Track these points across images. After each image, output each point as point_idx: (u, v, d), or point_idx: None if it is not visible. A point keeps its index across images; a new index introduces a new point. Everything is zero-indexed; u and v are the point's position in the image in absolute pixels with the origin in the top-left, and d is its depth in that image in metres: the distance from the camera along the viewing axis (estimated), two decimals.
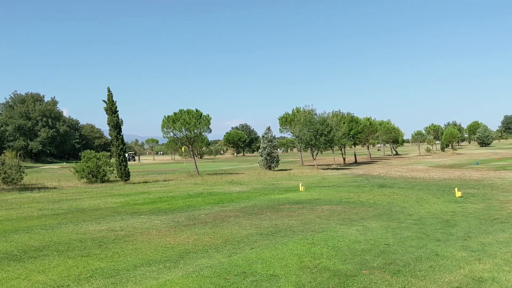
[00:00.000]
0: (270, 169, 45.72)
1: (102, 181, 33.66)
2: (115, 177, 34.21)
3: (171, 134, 41.26)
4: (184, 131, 40.41)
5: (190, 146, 43.17)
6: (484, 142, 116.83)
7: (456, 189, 19.87)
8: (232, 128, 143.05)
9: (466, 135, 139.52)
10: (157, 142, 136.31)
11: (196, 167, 42.53)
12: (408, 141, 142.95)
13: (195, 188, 26.64)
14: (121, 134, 33.89)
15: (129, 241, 11.33)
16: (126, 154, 35.82)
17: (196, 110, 40.91)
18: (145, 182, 33.21)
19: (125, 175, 33.04)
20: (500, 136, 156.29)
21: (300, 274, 7.91)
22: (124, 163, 33.16)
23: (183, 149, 69.94)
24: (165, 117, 40.67)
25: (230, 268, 8.43)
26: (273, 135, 48.16)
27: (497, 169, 35.63)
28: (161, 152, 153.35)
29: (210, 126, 41.48)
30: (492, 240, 10.22)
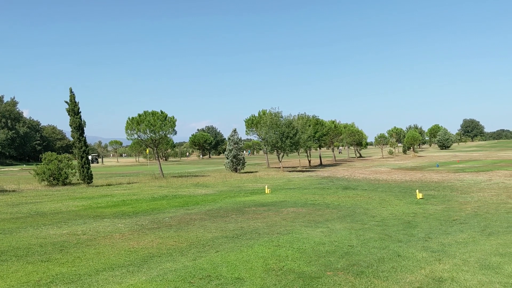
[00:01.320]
0: (236, 171, 45.69)
1: (64, 184, 32.84)
2: (78, 179, 33.43)
3: (135, 136, 40.61)
4: (148, 133, 39.86)
5: (155, 148, 42.63)
6: (444, 145, 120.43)
7: (417, 191, 20.39)
8: (198, 130, 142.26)
9: (427, 138, 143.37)
10: (121, 144, 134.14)
11: (161, 170, 42.04)
12: (371, 144, 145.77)
13: (160, 191, 26.32)
14: (84, 135, 33.18)
15: (91, 245, 11.07)
16: (89, 156, 35.09)
17: (161, 112, 40.45)
18: (109, 185, 32.58)
19: (88, 178, 32.33)
20: (459, 139, 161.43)
21: (265, 277, 7.92)
22: (87, 166, 32.46)
23: (147, 151, 69.06)
24: (129, 118, 40.00)
25: (195, 272, 8.35)
26: (239, 137, 48.18)
27: (456, 171, 36.75)
28: (125, 154, 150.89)
29: (175, 128, 41.10)
30: (451, 241, 10.52)
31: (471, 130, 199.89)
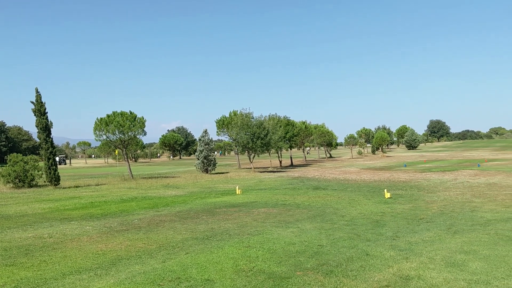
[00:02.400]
0: (207, 172, 45.48)
1: (30, 186, 31.99)
2: (44, 181, 32.63)
3: (104, 137, 39.89)
4: (117, 133, 39.25)
5: (124, 149, 41.99)
6: (412, 145, 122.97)
7: (385, 190, 20.75)
8: (168, 130, 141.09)
9: (395, 139, 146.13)
10: (89, 145, 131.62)
11: (130, 171, 41.47)
12: (341, 144, 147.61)
13: (129, 193, 25.95)
14: (51, 136, 32.43)
15: (58, 249, 10.81)
16: (57, 158, 34.29)
17: (130, 112, 39.91)
18: (76, 187, 31.91)
19: (55, 180, 31.61)
20: (426, 140, 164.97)
21: (235, 278, 7.90)
22: (54, 167, 31.73)
23: (116, 152, 67.96)
24: (97, 119, 39.31)
25: (164, 274, 8.25)
26: (210, 138, 47.97)
27: (423, 171, 37.57)
28: (94, 156, 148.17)
29: (145, 129, 40.63)
30: (418, 239, 10.74)
31: (437, 130, 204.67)
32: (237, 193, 23.50)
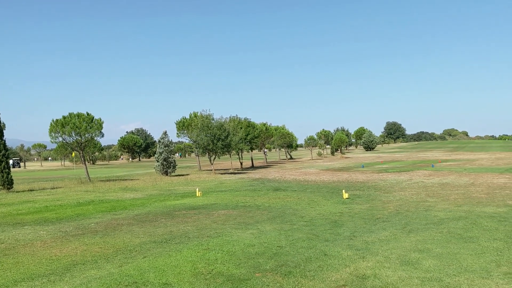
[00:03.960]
0: (167, 174, 44.94)
1: None
2: None
3: (60, 139, 38.72)
4: (74, 135, 38.20)
5: (81, 152, 40.91)
6: (369, 147, 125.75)
7: (343, 191, 21.10)
8: (127, 132, 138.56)
9: (353, 140, 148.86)
10: (45, 147, 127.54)
11: (88, 174, 40.44)
12: (301, 146, 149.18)
13: (86, 196, 25.31)
14: (3, 138, 31.23)
15: (10, 255, 10.42)
16: (10, 161, 33.00)
17: (87, 114, 38.92)
18: (31, 190, 30.85)
19: (8, 183, 30.42)
20: (383, 141, 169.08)
21: (193, 281, 7.82)
22: (7, 170, 30.54)
23: (73, 154, 66.17)
24: (53, 120, 38.12)
25: (121, 279, 8.08)
26: (170, 140, 47.46)
27: (380, 171, 38.48)
28: (51, 158, 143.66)
29: (102, 131, 39.71)
30: (374, 239, 10.97)
31: (393, 132, 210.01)
32: (197, 195, 23.33)
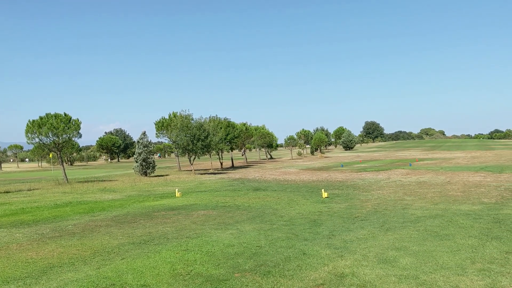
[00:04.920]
0: (146, 175, 44.58)
1: None
2: None
3: (37, 139, 38.06)
4: (51, 136, 37.60)
5: (59, 153, 40.28)
6: (348, 146, 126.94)
7: (323, 190, 21.25)
8: (106, 133, 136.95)
9: (332, 140, 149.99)
10: (21, 148, 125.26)
11: (65, 175, 39.84)
12: (281, 146, 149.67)
13: (64, 197, 24.93)
14: None
15: None
16: None
17: (65, 114, 38.37)
18: (7, 192, 30.22)
19: None
20: (362, 141, 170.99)
21: (172, 282, 7.77)
22: None
23: (51, 155, 65.08)
24: (29, 121, 37.44)
25: (98, 281, 7.99)
26: (149, 140, 47.07)
27: (359, 171, 38.84)
28: (28, 159, 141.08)
29: (80, 131, 39.22)
30: (353, 237, 11.07)
31: (372, 131, 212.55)
32: (176, 195, 23.20)
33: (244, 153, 77.31)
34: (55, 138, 37.87)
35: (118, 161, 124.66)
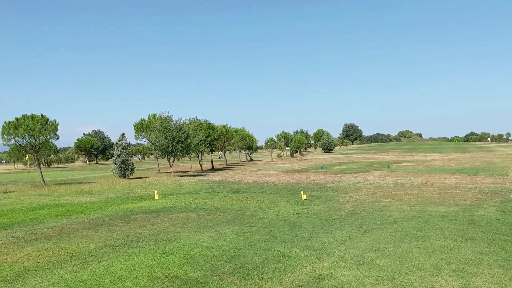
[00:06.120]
0: (125, 177, 44.14)
1: None
2: None
3: (13, 141, 37.33)
4: (28, 138, 36.95)
5: (35, 154, 39.61)
6: (328, 148, 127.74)
7: (302, 192, 21.36)
8: (84, 134, 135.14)
9: (312, 142, 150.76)
10: None
11: (42, 177, 39.18)
12: (261, 148, 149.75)
13: (40, 200, 24.51)
14: None
15: None
16: None
17: (42, 115, 37.75)
18: None
19: None
20: (341, 143, 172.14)
21: (149, 286, 7.72)
22: None
23: (27, 157, 63.95)
24: (5, 122, 36.73)
25: (75, 285, 7.89)
26: (128, 142, 46.62)
27: (338, 173, 39.15)
28: (4, 161, 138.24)
29: (58, 133, 38.62)
30: (331, 239, 11.17)
31: (351, 134, 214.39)
32: (155, 198, 23.03)
33: (221, 155, 77.15)
34: (32, 139, 37.23)
35: (97, 163, 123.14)
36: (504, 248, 9.61)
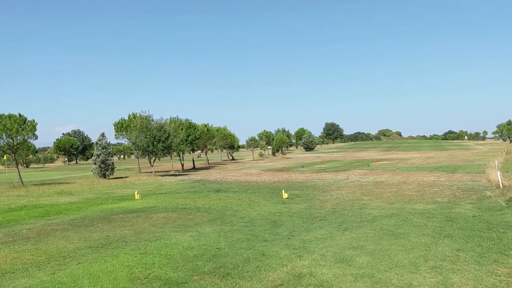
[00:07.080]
0: (105, 177, 43.70)
1: None
2: None
3: None
4: (5, 138, 36.35)
5: (13, 155, 38.92)
6: (309, 147, 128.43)
7: (283, 191, 21.45)
8: (63, 134, 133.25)
9: (294, 141, 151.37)
10: None
11: (20, 178, 38.52)
12: (243, 147, 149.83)
13: (18, 201, 24.10)
14: None
15: None
16: None
17: (20, 115, 37.15)
18: None
19: None
20: (322, 142, 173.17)
21: (129, 286, 7.66)
22: None
23: (5, 158, 62.70)
24: None
25: (53, 287, 7.78)
26: (108, 142, 46.19)
27: (319, 171, 39.40)
28: None
29: (36, 132, 38.06)
30: (311, 237, 11.24)
31: (332, 132, 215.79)
32: (136, 198, 22.87)
33: (200, 155, 76.86)
34: (9, 139, 36.61)
35: (77, 163, 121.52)
36: (480, 245, 9.80)
